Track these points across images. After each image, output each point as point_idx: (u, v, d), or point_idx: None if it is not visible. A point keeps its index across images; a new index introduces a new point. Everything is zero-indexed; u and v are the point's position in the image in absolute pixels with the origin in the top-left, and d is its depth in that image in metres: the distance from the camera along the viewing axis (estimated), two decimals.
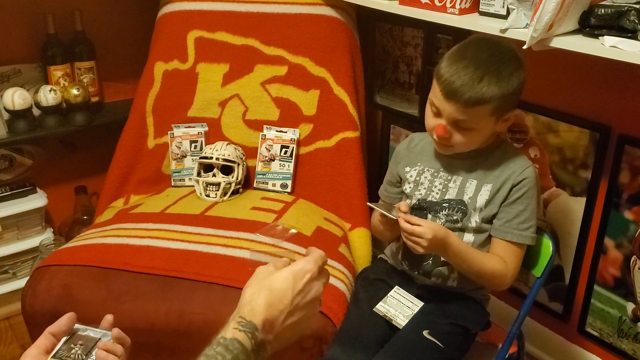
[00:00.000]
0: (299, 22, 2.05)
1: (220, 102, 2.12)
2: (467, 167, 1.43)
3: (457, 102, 1.28)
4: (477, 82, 1.26)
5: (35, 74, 2.22)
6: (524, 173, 1.38)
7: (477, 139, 1.37)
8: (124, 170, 2.12)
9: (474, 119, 1.31)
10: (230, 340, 0.82)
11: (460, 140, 1.35)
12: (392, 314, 1.41)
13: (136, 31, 2.34)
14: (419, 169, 1.49)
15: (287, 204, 1.97)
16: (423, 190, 1.46)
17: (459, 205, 1.41)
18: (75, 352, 0.88)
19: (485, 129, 1.35)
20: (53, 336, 0.90)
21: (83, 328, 0.93)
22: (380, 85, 2.29)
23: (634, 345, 1.66)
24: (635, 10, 1.23)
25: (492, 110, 1.31)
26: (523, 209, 1.37)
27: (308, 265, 0.90)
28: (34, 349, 0.88)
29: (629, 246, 1.61)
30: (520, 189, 1.37)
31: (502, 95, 1.28)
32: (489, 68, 1.27)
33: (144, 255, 1.65)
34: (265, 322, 0.84)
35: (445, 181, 1.44)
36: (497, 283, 1.40)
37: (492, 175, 1.40)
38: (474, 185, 1.41)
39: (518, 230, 1.38)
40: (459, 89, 1.27)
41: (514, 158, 1.42)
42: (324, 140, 2.06)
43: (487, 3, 1.51)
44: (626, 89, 1.54)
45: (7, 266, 2.18)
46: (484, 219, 1.40)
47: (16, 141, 2.13)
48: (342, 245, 1.83)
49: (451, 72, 1.28)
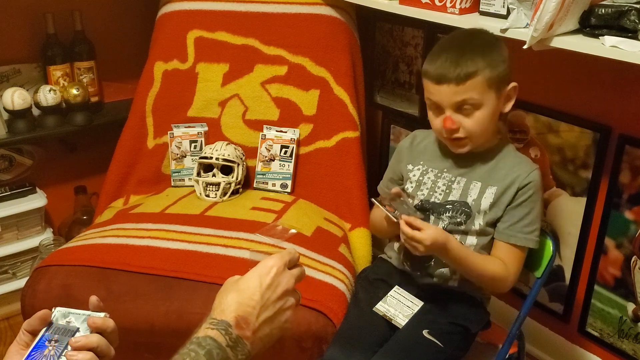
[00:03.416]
0: (299, 22, 2.05)
1: (220, 102, 2.12)
2: (471, 168, 1.42)
3: (449, 83, 1.31)
4: (461, 59, 1.32)
5: (34, 73, 2.21)
6: (530, 176, 1.37)
7: (486, 120, 1.34)
8: (123, 170, 2.12)
9: (473, 95, 1.31)
10: (202, 337, 0.84)
11: (470, 126, 1.34)
12: (392, 313, 1.41)
13: (136, 31, 2.34)
14: (422, 168, 1.48)
15: (287, 204, 1.97)
16: (426, 190, 1.46)
17: (462, 208, 1.40)
18: (48, 353, 0.87)
19: (489, 107, 1.33)
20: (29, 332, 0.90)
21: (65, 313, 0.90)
22: (380, 85, 2.29)
23: (635, 345, 1.66)
24: (635, 10, 1.23)
25: (486, 82, 1.31)
26: (528, 212, 1.37)
27: (272, 260, 0.92)
28: (15, 345, 0.89)
29: (629, 246, 1.61)
30: (526, 192, 1.37)
31: (489, 64, 1.31)
32: (465, 47, 1.34)
33: (143, 256, 1.64)
34: (237, 318, 0.86)
35: (448, 182, 1.44)
36: (498, 286, 1.41)
37: (497, 177, 1.40)
38: (478, 187, 1.41)
39: (522, 234, 1.37)
40: (446, 71, 1.31)
41: (519, 160, 1.41)
42: (324, 140, 2.06)
43: (488, 3, 1.51)
44: (627, 89, 1.54)
45: (7, 266, 2.18)
46: (488, 222, 1.39)
47: (16, 141, 2.13)
48: (342, 245, 1.82)
49: (435, 64, 1.34)
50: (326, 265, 1.66)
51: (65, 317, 0.90)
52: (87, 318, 0.89)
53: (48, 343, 0.87)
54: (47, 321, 0.89)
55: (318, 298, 1.51)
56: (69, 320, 0.90)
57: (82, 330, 0.89)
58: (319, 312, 1.49)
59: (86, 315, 0.90)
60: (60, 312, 0.90)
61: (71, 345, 0.86)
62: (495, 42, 1.36)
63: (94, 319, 0.89)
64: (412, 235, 1.29)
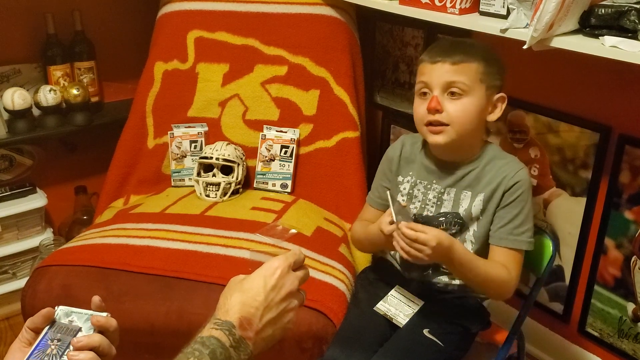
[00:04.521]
0: (299, 22, 2.05)
1: (220, 102, 2.12)
2: (459, 178, 1.40)
3: (444, 62, 1.32)
4: (460, 45, 1.37)
5: (35, 74, 2.22)
6: (516, 176, 1.35)
7: (471, 111, 1.32)
8: (123, 170, 2.12)
9: (463, 79, 1.31)
10: (207, 337, 0.85)
11: (454, 111, 1.31)
12: (392, 313, 1.41)
13: (136, 31, 2.34)
14: (412, 180, 1.46)
15: (287, 204, 1.97)
16: (417, 203, 1.44)
17: (455, 219, 1.39)
18: (51, 352, 0.87)
19: (476, 99, 1.32)
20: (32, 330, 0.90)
21: (68, 312, 0.91)
22: (380, 85, 2.29)
23: (634, 345, 1.66)
24: (635, 10, 1.23)
25: (479, 73, 1.32)
26: (517, 212, 1.35)
27: (277, 262, 0.93)
28: (18, 343, 0.90)
29: (629, 246, 1.61)
30: (513, 193, 1.35)
31: (485, 58, 1.33)
32: (466, 41, 1.40)
33: (143, 256, 1.64)
34: (241, 319, 0.87)
35: (438, 194, 1.42)
36: (502, 292, 1.36)
37: (484, 182, 1.38)
38: (468, 197, 1.39)
39: (513, 236, 1.35)
40: (444, 51, 1.34)
41: (505, 161, 1.39)
42: (324, 140, 2.06)
43: (488, 3, 1.51)
44: (626, 89, 1.54)
45: (7, 266, 2.18)
46: (482, 229, 1.38)
47: (16, 141, 2.13)
48: (342, 245, 1.82)
49: (433, 50, 1.37)
50: (326, 265, 1.66)
51: (68, 316, 0.91)
52: (89, 317, 0.90)
53: (50, 342, 0.88)
54: (50, 319, 0.90)
55: (318, 298, 1.51)
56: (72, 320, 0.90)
57: (85, 329, 0.90)
58: (319, 312, 1.49)
59: (88, 314, 0.91)
60: (63, 311, 0.91)
61: (73, 345, 0.86)
62: (494, 52, 1.38)
63: (97, 317, 0.90)
64: (417, 237, 1.23)
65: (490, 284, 1.34)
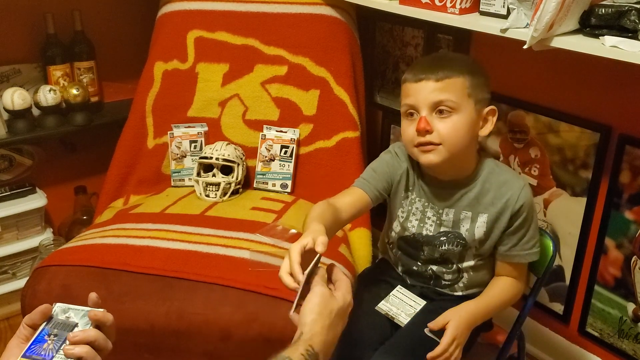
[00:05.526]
0: (299, 22, 2.05)
1: (220, 102, 2.12)
2: (458, 198, 1.37)
3: (428, 80, 1.27)
4: (442, 61, 1.34)
5: (34, 73, 2.21)
6: (521, 198, 1.33)
7: (462, 128, 1.28)
8: (123, 170, 2.12)
9: (451, 97, 1.26)
10: None
11: (445, 130, 1.27)
12: (394, 312, 1.41)
13: (136, 31, 2.34)
14: (411, 196, 1.43)
15: (287, 204, 1.97)
16: (415, 221, 1.42)
17: (457, 239, 1.39)
18: (47, 347, 0.88)
19: (466, 115, 1.28)
20: (29, 327, 0.91)
21: (65, 308, 0.92)
22: (380, 85, 2.29)
23: (635, 345, 1.66)
24: (635, 10, 1.23)
25: (466, 87, 1.27)
26: (526, 231, 1.36)
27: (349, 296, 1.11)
28: (15, 339, 0.91)
29: (629, 246, 1.61)
30: (521, 215, 1.34)
31: (470, 71, 1.29)
32: (448, 54, 1.40)
33: (143, 256, 1.64)
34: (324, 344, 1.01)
35: (437, 214, 1.40)
36: (515, 301, 1.43)
37: (485, 202, 1.35)
38: (469, 217, 1.37)
39: (524, 251, 1.37)
40: (427, 70, 1.29)
41: (504, 178, 1.36)
42: (324, 140, 2.06)
43: (488, 3, 1.51)
44: (627, 89, 1.54)
45: (7, 266, 2.18)
46: (486, 248, 1.39)
47: (16, 141, 2.13)
48: (342, 246, 1.82)
49: (415, 69, 1.32)
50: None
51: (65, 313, 0.92)
52: (86, 313, 0.92)
53: (47, 337, 0.89)
54: (47, 315, 0.91)
55: None
56: (69, 316, 0.92)
57: (81, 325, 0.91)
58: None
59: (85, 311, 0.92)
60: (61, 308, 0.92)
61: (69, 340, 0.88)
62: (478, 64, 1.35)
63: (95, 311, 0.91)
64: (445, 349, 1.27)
65: (507, 305, 1.41)
